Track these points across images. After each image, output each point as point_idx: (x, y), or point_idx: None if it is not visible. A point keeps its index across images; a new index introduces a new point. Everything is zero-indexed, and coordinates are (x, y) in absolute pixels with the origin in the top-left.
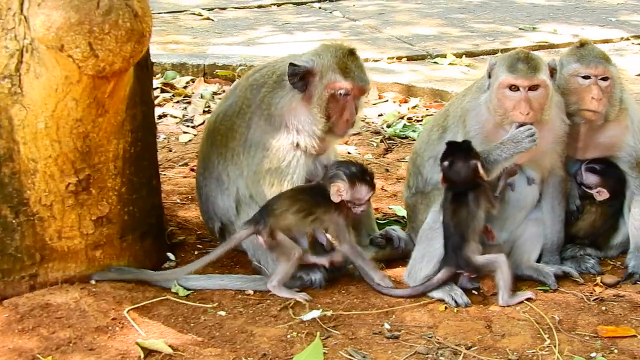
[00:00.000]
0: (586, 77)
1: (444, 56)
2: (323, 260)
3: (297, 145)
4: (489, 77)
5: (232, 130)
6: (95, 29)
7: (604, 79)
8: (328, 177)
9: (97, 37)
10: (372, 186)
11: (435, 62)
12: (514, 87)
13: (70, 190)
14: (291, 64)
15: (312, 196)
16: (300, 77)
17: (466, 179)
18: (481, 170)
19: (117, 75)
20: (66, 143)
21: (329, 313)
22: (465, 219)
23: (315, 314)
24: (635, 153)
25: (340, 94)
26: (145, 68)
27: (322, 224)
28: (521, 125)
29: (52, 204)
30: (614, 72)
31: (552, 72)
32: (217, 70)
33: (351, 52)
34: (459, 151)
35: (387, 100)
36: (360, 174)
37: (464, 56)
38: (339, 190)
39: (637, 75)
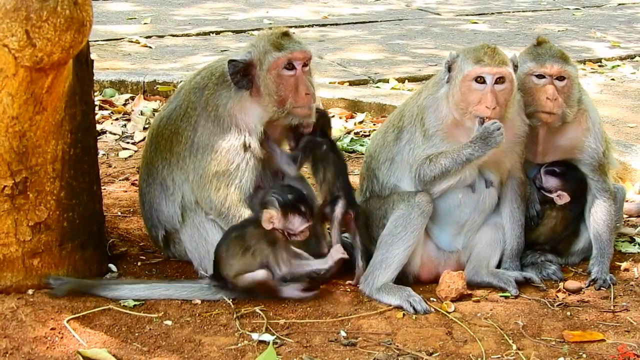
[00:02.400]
0: (541, 77)
1: (387, 81)
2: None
3: (248, 146)
4: (449, 70)
5: (177, 134)
6: (33, 16)
7: (560, 78)
8: (262, 202)
9: (34, 24)
10: (306, 218)
11: (377, 87)
12: (480, 79)
13: (6, 194)
14: (230, 61)
15: (242, 230)
16: (243, 73)
17: None
18: None
19: (55, 68)
20: (1, 143)
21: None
22: None
23: (268, 337)
24: (597, 155)
25: (286, 68)
26: (85, 65)
27: (263, 252)
28: (483, 120)
29: None
30: (572, 72)
31: (515, 68)
32: (157, 87)
33: (285, 33)
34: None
35: (333, 116)
36: (296, 204)
37: (406, 80)
38: (271, 218)
39: None
